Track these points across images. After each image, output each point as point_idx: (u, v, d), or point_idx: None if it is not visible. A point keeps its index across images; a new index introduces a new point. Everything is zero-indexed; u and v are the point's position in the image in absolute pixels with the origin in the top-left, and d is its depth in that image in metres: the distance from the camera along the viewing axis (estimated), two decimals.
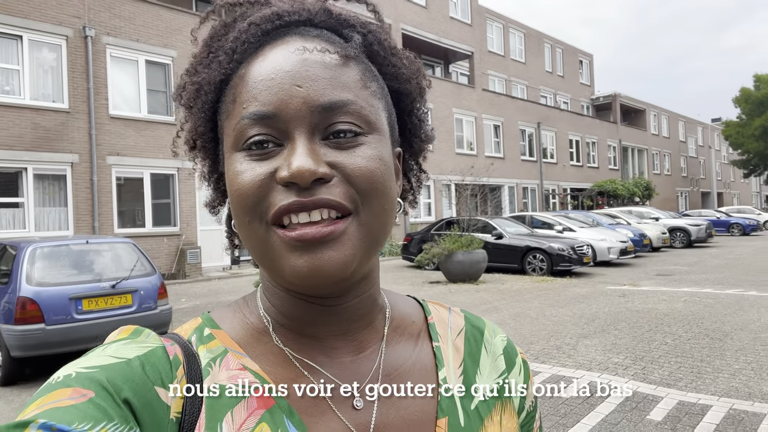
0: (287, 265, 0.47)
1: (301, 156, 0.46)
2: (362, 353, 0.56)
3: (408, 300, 0.65)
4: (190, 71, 0.55)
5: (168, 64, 14.74)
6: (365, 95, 0.51)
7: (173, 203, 14.73)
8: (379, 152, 0.50)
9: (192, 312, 9.06)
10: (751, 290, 9.75)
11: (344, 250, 0.47)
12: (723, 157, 52.68)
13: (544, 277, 12.44)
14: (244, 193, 0.48)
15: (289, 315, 0.55)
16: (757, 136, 39.19)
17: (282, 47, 0.51)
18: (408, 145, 0.61)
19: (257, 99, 0.48)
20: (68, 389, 0.42)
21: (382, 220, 0.51)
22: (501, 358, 0.63)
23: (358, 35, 0.54)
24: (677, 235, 20.89)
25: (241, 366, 0.52)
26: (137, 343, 0.49)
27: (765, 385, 4.67)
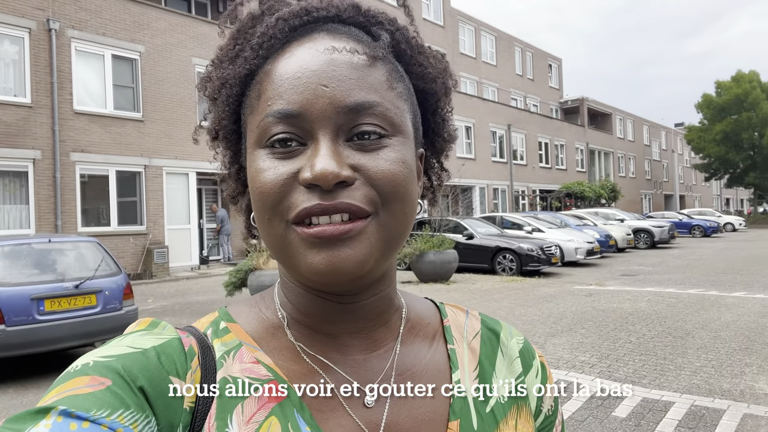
0: (304, 261, 0.47)
1: (325, 158, 0.46)
2: (375, 351, 0.56)
3: (425, 302, 0.65)
4: (215, 63, 0.56)
5: (135, 59, 14.42)
6: (391, 97, 0.50)
7: (140, 201, 14.43)
8: (403, 155, 0.50)
9: (159, 313, 8.89)
10: (712, 290, 10.06)
11: (361, 249, 0.47)
12: (685, 161, 54.23)
13: (514, 277, 12.61)
14: (266, 191, 0.48)
15: (304, 311, 0.55)
16: (718, 140, 40.46)
17: (309, 45, 0.50)
18: (431, 143, 0.61)
19: (282, 97, 0.48)
20: (86, 377, 0.43)
21: (402, 222, 0.50)
22: (517, 360, 0.63)
23: (386, 33, 0.53)
24: (641, 236, 21.45)
25: (254, 359, 0.52)
26: (154, 335, 0.50)
27: (725, 382, 4.83)
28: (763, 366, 5.23)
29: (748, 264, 14.45)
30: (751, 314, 7.64)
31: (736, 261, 15.38)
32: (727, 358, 5.52)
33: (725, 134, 40.03)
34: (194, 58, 15.70)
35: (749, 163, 41.47)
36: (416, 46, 0.56)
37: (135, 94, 14.46)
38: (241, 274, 8.39)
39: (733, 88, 40.03)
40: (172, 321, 7.40)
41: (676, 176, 49.34)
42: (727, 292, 9.79)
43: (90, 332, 5.69)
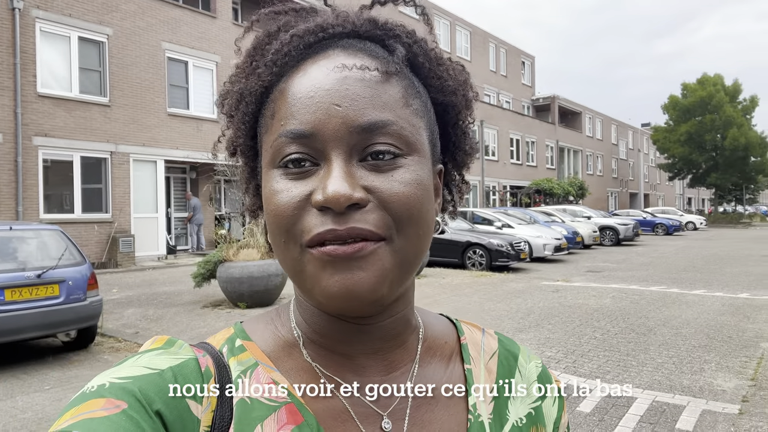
0: (318, 286, 0.47)
1: (337, 180, 0.45)
2: (393, 373, 0.55)
3: (441, 319, 0.64)
4: (233, 80, 0.55)
5: (103, 42, 14.01)
6: (406, 114, 0.49)
7: (105, 188, 14.07)
8: (418, 175, 0.48)
9: (125, 303, 8.71)
10: (674, 287, 10.37)
11: (374, 272, 0.46)
12: (650, 161, 55.61)
13: (484, 272, 12.76)
14: (279, 214, 0.48)
15: (320, 331, 0.54)
16: (682, 141, 41.58)
17: (323, 62, 0.49)
18: (451, 157, 0.60)
19: (295, 117, 0.48)
20: (102, 399, 0.43)
21: (417, 246, 0.49)
22: (535, 384, 0.62)
23: (403, 47, 0.52)
24: (607, 233, 21.93)
25: (270, 380, 0.51)
26: (170, 354, 0.49)
27: (685, 378, 4.99)
28: (722, 363, 5.42)
29: (708, 262, 14.93)
30: (711, 312, 7.90)
31: (696, 259, 15.87)
32: (688, 355, 5.70)
33: (689, 135, 41.16)
34: (164, 43, 15.34)
35: (711, 164, 42.77)
36: (435, 59, 0.54)
37: (102, 77, 14.05)
38: (210, 265, 8.27)
39: (698, 91, 41.16)
40: (138, 312, 7.27)
41: (642, 175, 50.56)
42: (687, 289, 10.10)
43: (52, 323, 5.53)
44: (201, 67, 16.43)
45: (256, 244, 8.48)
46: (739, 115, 40.80)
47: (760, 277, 11.75)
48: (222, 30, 16.93)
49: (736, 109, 41.26)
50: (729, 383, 4.81)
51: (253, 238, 8.64)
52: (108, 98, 14.05)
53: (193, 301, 8.79)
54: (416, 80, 0.53)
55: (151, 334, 6.75)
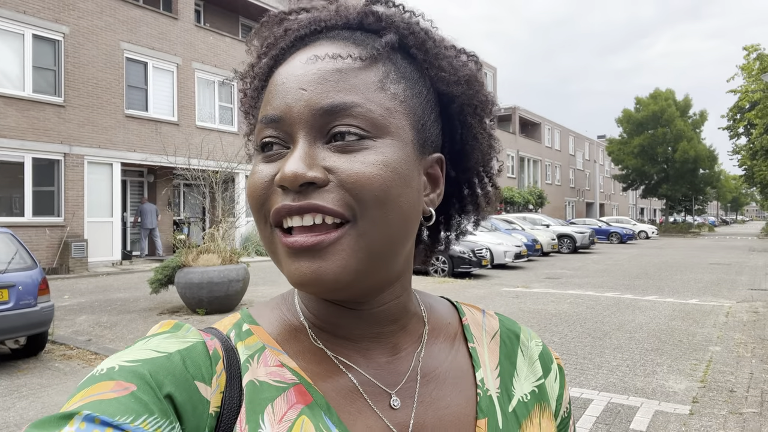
0: (286, 269, 0.49)
1: (294, 160, 0.46)
2: (398, 354, 0.56)
3: (443, 301, 0.66)
4: (244, 80, 0.58)
5: (59, 40, 13.58)
6: (379, 97, 0.49)
7: (58, 191, 13.58)
8: (385, 157, 0.48)
9: (77, 310, 8.40)
10: (627, 293, 10.69)
11: (336, 261, 0.46)
12: (606, 171, 57.34)
13: (446, 279, 12.87)
14: (251, 194, 0.50)
15: (320, 316, 0.55)
16: (635, 153, 43.00)
17: (308, 51, 0.51)
18: (459, 151, 0.60)
19: (270, 103, 0.50)
20: (111, 382, 0.43)
21: (384, 229, 0.48)
22: (537, 363, 0.63)
23: (394, 36, 0.53)
24: (564, 241, 22.48)
25: (278, 363, 0.52)
26: (178, 338, 0.49)
27: (638, 380, 5.14)
28: (673, 366, 5.62)
29: (660, 270, 15.47)
30: (662, 317, 8.18)
31: (649, 267, 16.42)
32: (641, 358, 5.88)
33: (642, 148, 42.59)
34: (123, 43, 14.98)
35: (663, 176, 44.36)
36: (432, 49, 0.54)
37: (57, 77, 13.60)
38: (167, 270, 8.07)
39: (651, 105, 42.69)
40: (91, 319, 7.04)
41: (597, 185, 52.07)
42: (640, 295, 10.43)
43: (2, 329, 5.29)
44: (161, 68, 16.09)
45: (216, 249, 8.33)
46: (689, 129, 42.51)
47: (708, 284, 12.24)
48: (183, 31, 16.64)
49: (686, 123, 42.97)
50: (680, 385, 4.98)
51: (214, 243, 8.49)
52: (63, 98, 13.60)
53: (149, 307, 8.55)
54: (409, 67, 0.53)
55: (105, 341, 6.54)
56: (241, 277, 8.14)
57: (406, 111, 0.51)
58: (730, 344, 6.46)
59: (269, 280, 11.55)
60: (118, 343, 6.47)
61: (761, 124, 23.24)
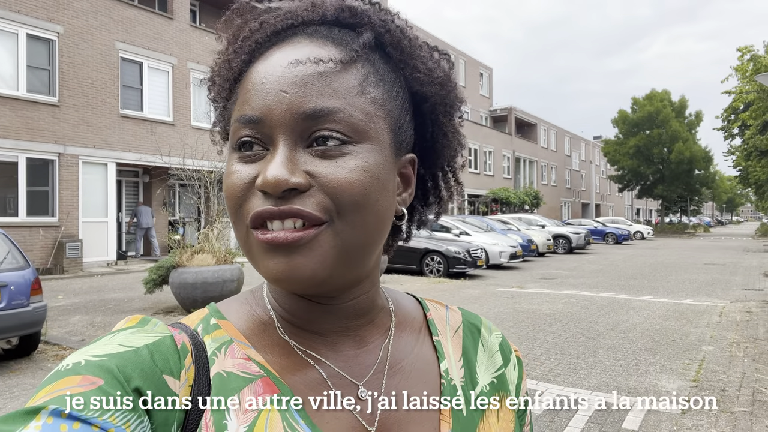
0: (263, 266, 0.48)
1: (277, 165, 0.46)
2: (365, 347, 0.57)
3: (408, 297, 0.67)
4: (213, 68, 0.57)
5: (53, 40, 13.53)
6: (359, 102, 0.49)
7: (52, 191, 13.53)
8: (366, 163, 0.48)
9: (71, 310, 8.38)
10: (622, 294, 10.72)
11: (313, 257, 0.47)
12: (602, 172, 57.49)
13: (441, 279, 12.88)
14: (229, 195, 0.49)
15: (290, 310, 0.56)
16: (631, 154, 43.15)
17: (287, 49, 0.50)
18: (429, 149, 0.60)
19: (248, 102, 0.49)
20: (78, 377, 0.43)
21: (362, 232, 0.49)
22: (497, 354, 0.65)
23: (372, 34, 0.52)
24: (560, 241, 22.53)
25: (245, 356, 0.52)
26: (145, 332, 0.49)
27: (631, 380, 5.16)
28: (666, 365, 5.63)
29: (655, 270, 15.51)
30: (656, 317, 8.20)
31: (644, 267, 16.46)
32: (634, 358, 5.90)
33: (638, 148, 42.74)
34: (118, 43, 14.94)
35: (658, 177, 44.52)
36: (407, 49, 0.54)
37: (51, 76, 13.55)
38: (162, 271, 8.06)
39: (647, 106, 42.84)
40: (85, 319, 7.00)
41: (593, 186, 52.20)
42: (635, 295, 10.46)
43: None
44: (156, 68, 16.06)
45: (210, 249, 8.32)
46: (684, 130, 42.66)
47: (702, 284, 12.28)
48: (179, 31, 16.61)
49: (682, 124, 43.12)
50: (672, 384, 5.00)
51: (208, 243, 8.48)
52: (57, 98, 13.55)
53: (143, 307, 8.53)
54: (386, 68, 0.53)
55: None
56: (236, 277, 8.13)
57: (384, 115, 0.52)
58: (723, 344, 6.49)
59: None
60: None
61: (755, 124, 23.36)
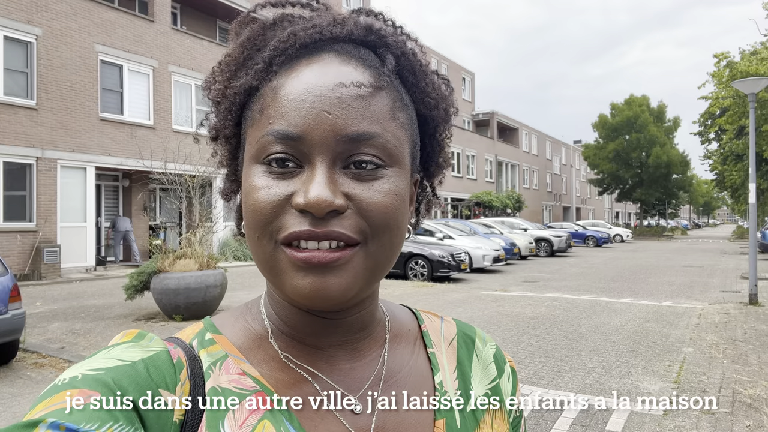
0: (290, 283, 0.48)
1: (320, 185, 0.46)
2: (361, 360, 0.57)
3: (403, 309, 0.68)
4: (222, 69, 0.56)
5: (31, 42, 13.30)
6: (392, 127, 0.50)
7: (30, 196, 13.28)
8: (397, 186, 0.50)
9: (50, 317, 8.22)
10: (603, 296, 10.85)
11: (347, 277, 0.48)
12: (582, 176, 58.18)
13: (425, 283, 12.90)
14: (258, 210, 0.48)
15: (291, 324, 0.56)
16: (610, 158, 43.73)
17: (317, 65, 0.50)
18: (424, 168, 0.62)
19: (285, 118, 0.48)
20: (75, 390, 0.43)
21: (389, 252, 0.51)
22: (492, 365, 0.66)
23: (393, 57, 0.53)
24: (542, 245, 22.74)
25: (240, 371, 0.52)
26: (141, 347, 0.50)
27: (614, 382, 5.22)
28: (647, 367, 5.71)
29: (635, 272, 15.73)
30: (637, 319, 8.32)
31: (624, 270, 16.69)
32: (616, 360, 5.97)
33: (617, 153, 43.34)
34: (97, 45, 14.74)
35: (637, 180, 45.19)
36: (420, 72, 0.56)
37: (29, 79, 13.32)
38: (143, 276, 7.95)
39: (626, 111, 43.49)
40: (64, 326, 6.88)
41: (574, 189, 52.80)
42: (616, 298, 10.60)
43: None
44: (137, 71, 15.88)
45: (193, 255, 8.23)
46: (662, 135, 43.38)
47: (681, 286, 12.49)
48: (160, 34, 16.45)
49: (660, 129, 43.85)
50: (654, 386, 5.07)
51: (191, 248, 8.39)
52: (35, 101, 13.33)
53: (124, 314, 8.41)
54: (404, 92, 0.54)
55: (79, 349, 6.41)
56: (219, 283, 8.05)
57: (408, 139, 0.53)
58: (702, 345, 6.60)
59: (247, 285, 11.45)
60: (92, 350, 6.32)
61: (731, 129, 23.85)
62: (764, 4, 20.07)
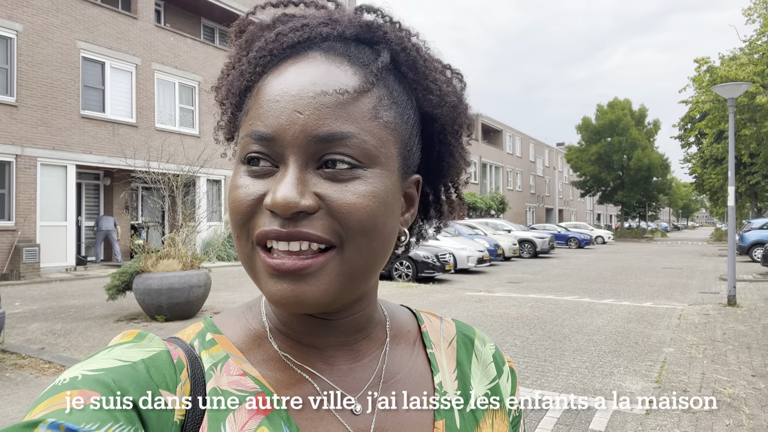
0: (265, 288, 0.48)
1: (287, 186, 0.46)
2: (361, 361, 0.57)
3: (403, 309, 0.67)
4: (223, 72, 0.57)
5: (11, 38, 13.07)
6: (372, 127, 0.49)
7: (8, 194, 13.05)
8: (375, 188, 0.48)
9: (29, 317, 8.08)
10: (585, 297, 10.97)
11: (319, 285, 0.47)
12: (564, 178, 58.78)
13: (410, 283, 12.92)
14: (235, 209, 0.49)
15: (287, 324, 0.56)
16: (593, 161, 44.23)
17: (302, 64, 0.50)
18: (435, 169, 0.60)
19: (261, 119, 0.48)
20: (75, 391, 0.43)
21: (368, 257, 0.49)
22: (491, 365, 0.66)
23: (388, 54, 0.52)
24: (525, 246, 22.91)
25: (241, 372, 0.52)
26: (141, 347, 0.49)
27: (597, 381, 5.28)
28: (629, 367, 5.79)
29: (616, 273, 15.92)
30: (619, 320, 8.42)
31: (605, 271, 16.88)
32: (599, 360, 6.04)
33: (599, 155, 43.84)
34: (79, 42, 14.53)
35: (618, 183, 45.75)
36: (422, 69, 0.54)
37: (8, 76, 13.09)
38: (125, 276, 7.85)
39: (608, 114, 44.03)
40: (44, 327, 6.77)
41: (556, 191, 53.31)
42: (598, 299, 10.71)
43: None
44: (119, 68, 15.68)
45: (176, 254, 8.15)
46: (643, 138, 43.98)
47: (661, 287, 12.66)
48: (143, 31, 16.27)
49: (641, 132, 44.44)
50: (636, 385, 5.14)
51: (174, 248, 8.31)
52: (15, 98, 13.09)
53: (105, 314, 8.30)
54: (399, 89, 0.53)
55: (59, 349, 6.31)
56: (203, 283, 7.99)
57: (395, 139, 0.51)
58: (682, 345, 6.70)
59: (231, 285, 11.36)
60: (73, 351, 6.24)
61: (711, 133, 24.27)
62: (744, 11, 20.46)
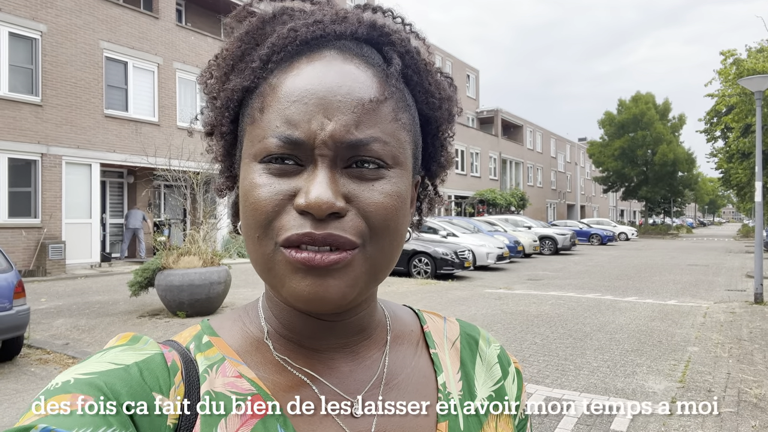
0: (288, 285, 0.48)
1: (322, 186, 0.46)
2: (362, 363, 0.56)
3: (405, 309, 0.66)
4: (219, 64, 0.54)
5: (36, 38, 13.33)
6: (394, 129, 0.50)
7: (35, 192, 13.32)
8: (398, 188, 0.50)
9: (54, 313, 8.25)
10: (608, 295, 10.82)
11: (346, 280, 0.47)
12: (587, 174, 57.99)
13: (428, 280, 12.89)
14: (258, 209, 0.48)
15: (289, 326, 0.55)
16: (616, 156, 43.58)
17: (319, 64, 0.49)
18: (426, 168, 0.61)
19: (286, 121, 0.48)
20: (67, 395, 0.43)
21: (388, 255, 0.50)
22: (496, 366, 0.64)
23: (398, 57, 0.52)
24: (546, 242, 22.68)
25: (237, 373, 0.52)
26: (135, 350, 0.49)
27: (619, 381, 5.19)
28: (652, 366, 5.69)
29: (639, 271, 15.67)
30: (642, 318, 8.28)
31: (628, 268, 16.63)
32: (621, 359, 5.94)
33: (622, 150, 43.18)
34: (102, 42, 14.76)
35: (642, 178, 45.02)
36: (424, 72, 0.55)
37: (34, 76, 13.35)
38: (147, 273, 7.96)
39: (632, 108, 43.31)
40: (69, 322, 6.90)
41: (578, 187, 52.64)
42: (621, 296, 10.56)
43: None
44: (141, 68, 15.90)
45: (197, 251, 8.24)
46: (668, 132, 43.18)
47: (686, 285, 12.43)
48: (165, 31, 16.46)
49: (665, 126, 43.65)
50: (659, 385, 5.05)
51: (194, 245, 8.40)
52: (40, 97, 13.36)
53: (129, 310, 8.43)
54: (407, 92, 0.53)
55: (83, 345, 6.43)
56: (223, 280, 8.06)
57: (410, 140, 0.53)
58: (707, 344, 6.56)
59: (251, 282, 11.46)
60: (96, 347, 6.36)
61: (737, 127, 23.72)
62: None
